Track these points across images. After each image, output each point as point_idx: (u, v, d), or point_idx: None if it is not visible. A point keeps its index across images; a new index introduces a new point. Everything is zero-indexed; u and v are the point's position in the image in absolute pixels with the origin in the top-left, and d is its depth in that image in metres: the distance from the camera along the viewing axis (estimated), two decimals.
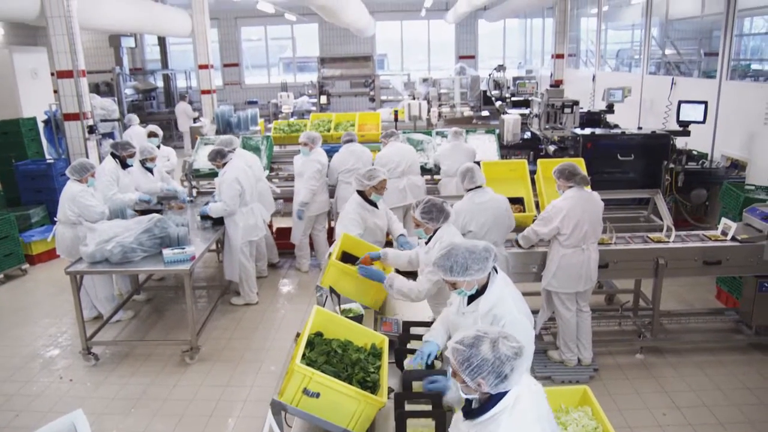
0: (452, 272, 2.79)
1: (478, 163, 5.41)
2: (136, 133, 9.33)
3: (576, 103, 8.14)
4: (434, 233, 3.76)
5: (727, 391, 4.67)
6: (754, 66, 8.31)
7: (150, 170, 6.75)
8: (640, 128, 7.72)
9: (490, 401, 2.12)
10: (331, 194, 7.26)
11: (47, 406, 4.75)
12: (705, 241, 5.12)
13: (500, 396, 2.11)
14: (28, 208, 8.04)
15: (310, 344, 2.96)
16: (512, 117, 8.62)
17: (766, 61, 8.16)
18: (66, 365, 5.39)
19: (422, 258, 3.84)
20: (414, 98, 11.20)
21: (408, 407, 2.78)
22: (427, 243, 3.81)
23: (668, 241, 5.13)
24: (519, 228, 5.14)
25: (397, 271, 4.06)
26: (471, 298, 2.92)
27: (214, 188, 6.59)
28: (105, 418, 4.59)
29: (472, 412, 2.19)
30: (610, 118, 8.75)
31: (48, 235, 7.95)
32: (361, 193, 4.78)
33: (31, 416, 4.63)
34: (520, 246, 5.03)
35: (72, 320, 6.09)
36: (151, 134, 8.05)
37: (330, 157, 7.17)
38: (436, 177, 7.60)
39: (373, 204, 4.79)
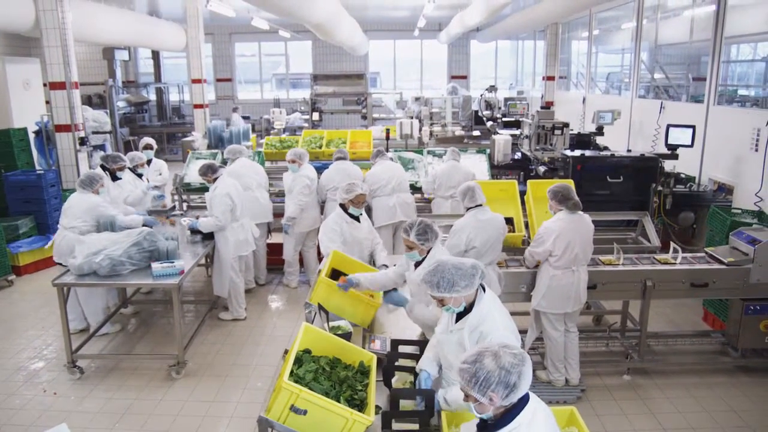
0: (439, 288, 2.81)
1: None
2: None
3: (566, 124, 8.23)
4: (427, 253, 3.78)
5: (713, 413, 4.69)
6: (741, 92, 8.46)
7: (140, 176, 7.08)
8: (629, 151, 7.81)
9: (506, 416, 2.13)
10: (322, 211, 7.26)
11: (30, 420, 4.69)
12: (712, 263, 5.14)
13: (516, 411, 2.12)
14: (16, 219, 7.98)
15: (298, 361, 2.95)
16: (503, 137, 8.69)
17: (753, 87, 8.31)
18: (50, 378, 5.33)
19: (413, 279, 3.82)
20: (411, 117, 11.23)
21: (395, 426, 2.78)
22: (418, 265, 3.79)
23: (675, 263, 5.16)
24: (507, 247, 5.18)
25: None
26: (459, 316, 2.93)
27: (205, 202, 6.58)
28: None
29: (488, 427, 2.19)
30: (599, 141, 8.85)
31: (38, 245, 7.91)
32: (342, 206, 4.96)
33: (14, 430, 4.56)
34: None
35: (58, 333, 6.03)
36: (147, 146, 8.08)
37: (320, 173, 7.19)
38: (429, 196, 7.61)
39: (354, 218, 4.93)
